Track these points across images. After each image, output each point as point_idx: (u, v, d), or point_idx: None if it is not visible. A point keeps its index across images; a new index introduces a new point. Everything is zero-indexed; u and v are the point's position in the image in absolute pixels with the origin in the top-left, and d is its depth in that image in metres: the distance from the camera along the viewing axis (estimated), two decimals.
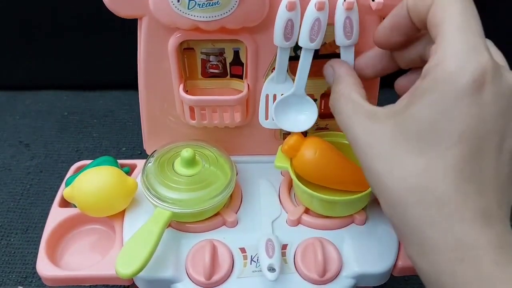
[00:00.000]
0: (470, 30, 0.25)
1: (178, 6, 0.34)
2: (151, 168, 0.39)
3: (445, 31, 0.25)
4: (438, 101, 0.24)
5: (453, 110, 0.24)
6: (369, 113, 0.29)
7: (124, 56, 0.45)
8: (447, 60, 0.24)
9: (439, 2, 0.26)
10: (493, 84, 0.24)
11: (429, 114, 0.25)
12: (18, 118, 0.69)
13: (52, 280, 0.37)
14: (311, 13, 0.35)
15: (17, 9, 0.67)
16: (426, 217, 0.24)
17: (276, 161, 0.39)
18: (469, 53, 0.24)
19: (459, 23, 0.25)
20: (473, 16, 0.26)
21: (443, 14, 0.25)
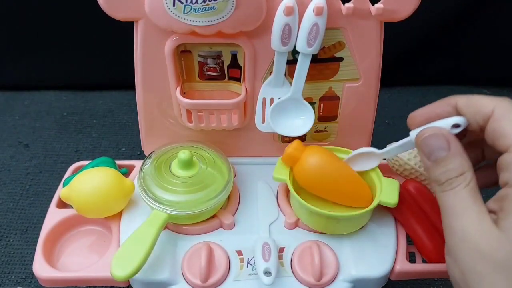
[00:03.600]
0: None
1: (173, 11, 0.33)
2: (148, 170, 0.39)
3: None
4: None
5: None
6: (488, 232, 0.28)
7: (124, 56, 0.45)
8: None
9: (502, 114, 0.29)
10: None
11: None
12: (18, 118, 0.70)
13: (49, 281, 0.37)
14: (309, 18, 0.35)
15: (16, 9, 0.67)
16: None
17: (275, 172, 0.39)
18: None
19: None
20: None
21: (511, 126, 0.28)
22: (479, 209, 0.28)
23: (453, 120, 0.30)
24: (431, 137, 0.30)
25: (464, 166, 0.29)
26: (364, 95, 0.42)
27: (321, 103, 0.42)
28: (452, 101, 0.32)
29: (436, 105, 0.33)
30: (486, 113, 0.29)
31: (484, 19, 0.69)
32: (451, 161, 0.29)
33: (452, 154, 0.29)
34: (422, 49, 0.72)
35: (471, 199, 0.28)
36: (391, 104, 0.73)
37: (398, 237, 0.39)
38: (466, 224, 0.28)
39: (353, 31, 0.38)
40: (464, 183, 0.29)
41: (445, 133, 0.30)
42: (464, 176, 0.29)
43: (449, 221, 0.28)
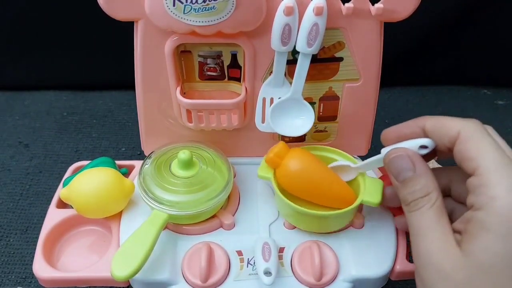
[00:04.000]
0: (511, 164, 0.27)
1: (173, 11, 0.33)
2: (148, 170, 0.39)
3: (488, 165, 0.27)
4: (507, 234, 0.26)
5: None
6: (452, 252, 0.28)
7: (124, 56, 0.45)
8: (504, 196, 0.26)
9: (468, 137, 0.29)
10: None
11: (503, 247, 0.26)
12: (18, 118, 0.69)
13: (49, 281, 0.37)
14: (309, 17, 0.35)
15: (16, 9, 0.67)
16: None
17: (260, 170, 0.39)
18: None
19: (498, 159, 0.27)
20: (505, 145, 0.29)
21: (478, 149, 0.28)
22: (443, 229, 0.28)
23: (420, 142, 0.31)
24: (397, 158, 0.32)
25: (429, 187, 0.30)
26: (364, 95, 0.42)
27: (321, 103, 0.42)
28: (421, 122, 0.32)
29: (407, 125, 0.34)
30: (452, 135, 0.30)
31: (484, 19, 0.69)
32: (416, 181, 0.30)
33: (418, 175, 0.30)
34: (422, 49, 0.72)
35: (435, 219, 0.29)
36: (391, 104, 0.73)
37: (398, 237, 0.39)
38: (430, 245, 0.28)
39: (353, 31, 0.38)
40: (429, 204, 0.29)
41: (410, 154, 0.31)
42: (429, 197, 0.29)
43: (415, 241, 0.29)
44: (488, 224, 0.26)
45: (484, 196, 0.27)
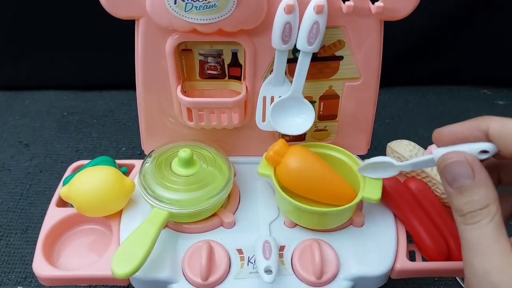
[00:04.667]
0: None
1: (175, 8, 0.34)
2: (149, 168, 0.39)
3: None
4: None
5: None
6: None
7: (124, 56, 0.45)
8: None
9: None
10: None
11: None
12: (18, 118, 0.70)
13: (49, 280, 0.37)
14: (309, 16, 0.35)
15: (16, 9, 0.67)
16: None
17: (260, 168, 0.39)
18: None
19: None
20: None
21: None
22: (504, 248, 0.26)
23: (481, 146, 0.28)
24: (455, 164, 0.28)
25: (489, 198, 0.27)
26: (364, 94, 0.42)
27: (321, 102, 0.42)
28: (483, 125, 0.29)
29: (465, 126, 0.30)
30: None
31: (484, 19, 0.69)
32: (475, 191, 0.27)
33: (477, 183, 0.27)
34: (422, 49, 0.72)
35: (495, 236, 0.26)
36: (391, 104, 0.73)
37: (399, 235, 0.39)
38: (489, 265, 0.26)
39: (353, 29, 0.38)
40: (488, 218, 0.26)
41: (471, 160, 0.28)
42: (488, 209, 0.27)
43: (470, 258, 0.27)
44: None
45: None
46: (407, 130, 0.68)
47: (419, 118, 0.71)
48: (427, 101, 0.74)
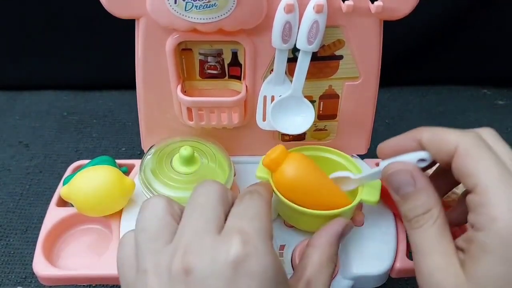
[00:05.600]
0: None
1: (175, 8, 0.34)
2: (149, 163, 0.39)
3: (487, 184, 0.26)
4: (510, 258, 0.25)
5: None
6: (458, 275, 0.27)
7: (124, 56, 0.45)
8: (505, 217, 0.25)
9: (465, 152, 0.28)
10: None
11: (506, 271, 0.25)
12: (18, 118, 0.70)
13: (49, 279, 0.37)
14: (309, 15, 0.35)
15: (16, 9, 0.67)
16: None
17: (258, 171, 0.38)
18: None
19: (498, 176, 0.26)
20: (508, 154, 0.28)
21: (477, 166, 0.27)
22: (446, 248, 0.28)
23: (418, 155, 0.31)
24: (396, 173, 0.31)
25: (431, 202, 0.29)
26: (363, 94, 0.42)
27: (321, 101, 0.42)
28: (417, 135, 0.31)
29: (402, 138, 0.32)
30: (450, 150, 0.28)
31: (484, 19, 0.69)
32: (417, 197, 0.29)
33: (418, 190, 0.29)
34: (422, 49, 0.72)
35: (437, 237, 0.28)
36: (391, 104, 0.73)
37: (399, 235, 0.39)
38: (432, 265, 0.27)
39: (353, 29, 0.38)
40: (430, 221, 0.28)
41: (410, 169, 0.30)
42: (430, 213, 0.28)
43: (417, 259, 0.29)
44: (489, 247, 0.25)
45: (485, 217, 0.26)
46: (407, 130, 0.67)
47: (419, 118, 0.71)
48: (427, 101, 0.74)
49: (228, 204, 0.30)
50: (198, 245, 0.26)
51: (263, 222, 0.28)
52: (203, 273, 0.25)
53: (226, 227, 0.27)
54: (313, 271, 0.31)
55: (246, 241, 0.26)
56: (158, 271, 0.26)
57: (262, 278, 0.25)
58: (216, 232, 0.27)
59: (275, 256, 0.27)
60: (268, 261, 0.26)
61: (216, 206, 0.28)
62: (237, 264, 0.25)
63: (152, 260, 0.26)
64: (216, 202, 0.29)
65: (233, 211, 0.29)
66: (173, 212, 0.29)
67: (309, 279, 0.30)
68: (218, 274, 0.25)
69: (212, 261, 0.25)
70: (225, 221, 0.28)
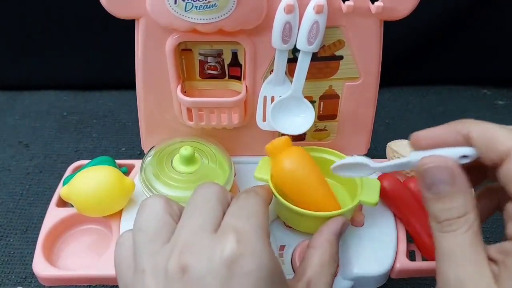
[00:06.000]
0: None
1: (175, 8, 0.34)
2: (150, 164, 0.39)
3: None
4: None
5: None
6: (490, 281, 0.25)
7: (124, 56, 0.45)
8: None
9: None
10: None
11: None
12: (18, 118, 0.69)
13: (49, 280, 0.37)
14: (309, 16, 0.35)
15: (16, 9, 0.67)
16: None
17: (257, 172, 0.38)
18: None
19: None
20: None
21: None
22: (480, 259, 0.25)
23: (462, 151, 0.27)
24: (435, 169, 0.27)
25: (468, 206, 0.26)
26: (363, 94, 0.42)
27: (321, 102, 0.42)
28: (464, 129, 0.28)
29: (445, 130, 0.29)
30: (503, 151, 0.26)
31: (484, 19, 0.69)
32: (454, 198, 0.26)
33: (457, 191, 0.26)
34: (422, 49, 0.72)
35: (472, 246, 0.25)
36: (391, 104, 0.73)
37: (398, 235, 0.39)
38: (463, 275, 0.25)
39: (353, 29, 0.38)
40: (465, 226, 0.26)
41: (451, 166, 0.27)
42: (466, 218, 0.26)
43: (444, 267, 0.26)
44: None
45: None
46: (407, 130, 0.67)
47: (419, 118, 0.71)
48: (427, 101, 0.74)
49: (227, 204, 0.30)
50: (195, 244, 0.26)
51: (259, 220, 0.28)
52: (199, 272, 0.25)
53: (221, 225, 0.27)
54: (314, 271, 0.31)
55: (241, 239, 0.26)
56: (156, 271, 0.26)
57: (257, 277, 0.25)
58: (213, 232, 0.27)
59: (271, 254, 0.26)
60: (264, 259, 0.26)
61: (215, 206, 0.28)
62: (231, 263, 0.25)
63: (150, 261, 0.26)
64: (215, 203, 0.29)
65: (229, 210, 0.29)
66: (171, 212, 0.29)
67: (309, 280, 0.30)
68: (214, 273, 0.25)
69: (208, 260, 0.25)
70: None
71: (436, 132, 0.29)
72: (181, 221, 0.28)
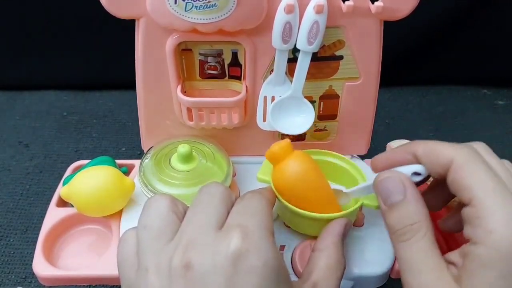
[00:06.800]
0: (508, 193, 0.26)
1: (175, 8, 0.34)
2: (148, 164, 0.40)
3: (483, 197, 0.26)
4: (509, 272, 0.24)
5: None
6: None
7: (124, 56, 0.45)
8: (502, 229, 0.25)
9: (461, 165, 0.27)
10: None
11: (505, 285, 0.24)
12: (18, 118, 0.69)
13: (48, 279, 0.37)
14: (309, 16, 0.35)
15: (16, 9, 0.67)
16: None
17: (259, 173, 0.37)
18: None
19: (494, 189, 0.26)
20: (502, 168, 0.27)
21: (472, 179, 0.26)
22: (437, 264, 0.26)
23: (413, 168, 0.30)
24: (387, 180, 0.30)
25: (420, 214, 0.28)
26: (364, 94, 0.42)
27: (321, 102, 0.42)
28: (412, 148, 0.30)
29: (397, 151, 0.32)
30: (445, 163, 0.28)
31: (484, 19, 0.69)
32: (406, 207, 0.28)
33: (408, 200, 0.28)
34: (422, 49, 0.72)
35: (427, 252, 0.27)
36: (391, 104, 0.73)
37: None
38: (424, 283, 0.26)
39: (353, 29, 0.38)
40: (420, 233, 0.27)
41: (402, 178, 0.29)
42: (419, 225, 0.27)
43: (407, 276, 0.27)
44: (487, 261, 0.25)
45: (481, 230, 0.25)
46: (407, 130, 0.68)
47: (419, 118, 0.71)
48: (427, 101, 0.74)
49: (231, 204, 0.30)
50: (199, 241, 0.26)
51: (264, 219, 0.28)
52: (203, 269, 0.25)
53: (226, 223, 0.27)
54: (320, 274, 0.31)
55: (246, 236, 0.26)
56: (159, 268, 0.26)
57: (262, 273, 0.25)
58: (217, 229, 0.27)
59: (276, 252, 0.26)
60: (269, 256, 0.26)
61: (219, 205, 0.29)
62: (236, 259, 0.25)
63: (153, 258, 0.26)
64: (219, 202, 0.29)
65: (234, 209, 0.29)
66: (176, 211, 0.29)
67: (316, 282, 0.30)
68: (218, 269, 0.25)
69: (212, 256, 0.25)
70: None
71: (390, 154, 0.33)
72: (185, 219, 0.28)
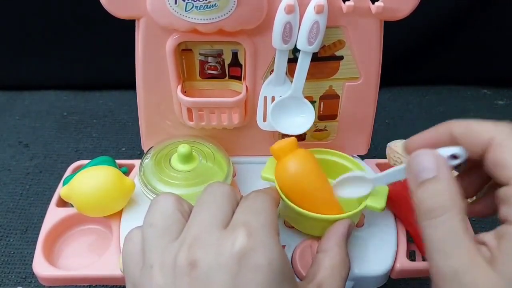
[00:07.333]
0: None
1: (175, 8, 0.34)
2: (148, 164, 0.40)
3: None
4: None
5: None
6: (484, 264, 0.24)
7: (124, 56, 0.45)
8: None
9: (501, 142, 0.26)
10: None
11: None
12: (18, 118, 0.70)
13: (48, 280, 0.37)
14: (310, 16, 0.35)
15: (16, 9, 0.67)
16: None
17: (263, 172, 0.37)
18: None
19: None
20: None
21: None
22: (470, 246, 0.25)
23: (450, 151, 0.28)
24: (421, 156, 0.28)
25: (453, 193, 0.26)
26: (364, 94, 0.42)
27: (321, 102, 0.42)
28: (447, 128, 0.29)
29: (432, 132, 0.30)
30: (484, 141, 0.26)
31: (484, 19, 0.69)
32: (438, 183, 0.26)
33: (440, 177, 0.26)
34: (422, 49, 0.72)
35: (458, 232, 0.25)
36: (391, 104, 0.73)
37: (399, 235, 0.39)
38: (458, 265, 0.24)
39: (353, 29, 0.38)
40: (452, 212, 0.25)
41: (436, 155, 0.27)
42: (452, 203, 0.25)
43: (436, 258, 0.25)
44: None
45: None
46: (407, 130, 0.68)
47: (419, 118, 0.71)
48: (427, 101, 0.74)
49: (236, 203, 0.30)
50: (204, 239, 0.26)
51: (269, 217, 0.28)
52: (207, 266, 0.25)
53: (231, 222, 0.27)
54: (325, 275, 0.31)
55: (251, 234, 0.26)
56: (164, 266, 0.26)
57: (267, 271, 0.25)
58: (222, 228, 0.27)
59: (281, 251, 0.26)
60: (274, 254, 0.26)
61: (224, 204, 0.29)
62: (241, 257, 0.25)
63: (158, 256, 0.26)
64: (224, 201, 0.29)
65: (239, 208, 0.29)
66: (182, 210, 0.29)
67: (320, 283, 0.30)
68: (223, 267, 0.25)
69: (217, 254, 0.25)
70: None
71: (425, 135, 0.30)
72: (190, 218, 0.28)
